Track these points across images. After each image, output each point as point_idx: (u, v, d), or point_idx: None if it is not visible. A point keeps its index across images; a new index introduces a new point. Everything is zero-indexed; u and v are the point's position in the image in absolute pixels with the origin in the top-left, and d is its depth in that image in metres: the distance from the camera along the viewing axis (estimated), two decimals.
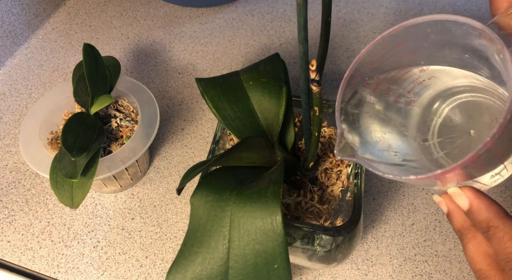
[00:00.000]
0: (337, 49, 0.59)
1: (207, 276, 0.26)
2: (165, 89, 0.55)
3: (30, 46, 0.61)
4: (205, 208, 0.28)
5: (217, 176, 0.30)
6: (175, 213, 0.44)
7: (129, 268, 0.41)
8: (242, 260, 0.26)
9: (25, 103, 0.54)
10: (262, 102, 0.36)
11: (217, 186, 0.29)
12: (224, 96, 0.36)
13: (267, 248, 0.25)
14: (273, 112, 0.35)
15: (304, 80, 0.26)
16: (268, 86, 0.36)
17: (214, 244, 0.27)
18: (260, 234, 0.26)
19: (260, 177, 0.30)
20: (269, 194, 0.27)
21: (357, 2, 0.66)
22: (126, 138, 0.43)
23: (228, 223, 0.27)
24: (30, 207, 0.45)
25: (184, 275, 0.26)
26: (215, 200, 0.28)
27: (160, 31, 0.62)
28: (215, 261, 0.26)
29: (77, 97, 0.42)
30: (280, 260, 0.25)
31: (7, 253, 0.42)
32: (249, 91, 0.36)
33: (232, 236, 0.26)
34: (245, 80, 0.37)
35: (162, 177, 0.47)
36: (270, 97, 0.35)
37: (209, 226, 0.27)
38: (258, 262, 0.25)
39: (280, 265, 0.25)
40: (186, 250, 0.27)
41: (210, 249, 0.26)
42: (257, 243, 0.26)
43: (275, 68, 0.37)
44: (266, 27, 0.63)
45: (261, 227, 0.26)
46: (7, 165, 0.48)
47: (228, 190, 0.28)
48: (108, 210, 0.45)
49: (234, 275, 0.26)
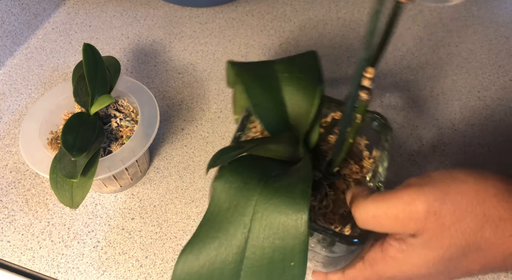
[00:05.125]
0: (337, 49, 0.59)
1: (221, 261, 0.26)
2: (165, 89, 0.55)
3: (30, 46, 0.61)
4: (228, 194, 0.27)
5: (243, 164, 0.30)
6: (175, 213, 0.44)
7: (129, 268, 0.41)
8: (259, 252, 0.26)
9: (25, 103, 0.54)
10: (294, 97, 0.35)
11: (243, 174, 0.28)
12: (256, 82, 0.35)
13: (287, 245, 0.25)
14: (304, 109, 0.34)
15: (356, 86, 0.25)
16: (304, 82, 0.35)
17: (233, 231, 0.26)
18: (282, 230, 0.25)
19: (287, 171, 0.29)
20: (297, 191, 0.26)
21: (357, 2, 0.66)
22: (126, 138, 0.43)
23: (250, 213, 0.26)
24: (30, 207, 0.45)
25: (197, 257, 0.26)
26: (239, 188, 0.28)
27: (160, 31, 0.62)
28: (232, 248, 0.26)
29: (77, 97, 0.42)
30: (298, 258, 0.25)
31: (7, 253, 0.42)
32: (283, 82, 0.35)
33: (253, 226, 0.26)
34: (279, 70, 0.36)
35: (162, 177, 0.47)
36: (304, 93, 0.34)
37: (231, 213, 0.27)
38: (275, 257, 0.25)
39: (297, 264, 0.25)
40: (202, 233, 0.26)
41: (228, 236, 0.26)
42: (278, 238, 0.25)
43: (312, 66, 0.36)
44: (266, 27, 0.63)
45: (285, 223, 0.25)
46: (7, 165, 0.48)
47: (255, 180, 0.28)
48: (108, 210, 0.45)
49: (248, 265, 0.25)
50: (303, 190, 0.26)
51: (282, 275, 0.25)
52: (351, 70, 0.56)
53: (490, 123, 0.51)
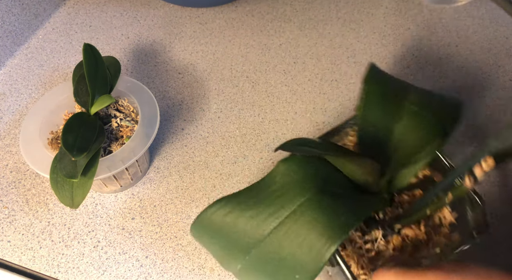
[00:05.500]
0: (337, 49, 0.59)
1: (244, 230, 0.26)
2: (165, 89, 0.55)
3: (30, 46, 0.61)
4: (284, 179, 0.27)
5: (314, 164, 0.29)
6: (175, 213, 0.44)
7: (129, 268, 0.41)
8: (276, 247, 0.25)
9: (25, 103, 0.54)
10: (408, 133, 0.31)
11: (307, 172, 0.28)
12: (381, 98, 0.32)
13: (302, 258, 0.25)
14: (409, 150, 0.31)
15: (466, 167, 0.24)
16: (428, 127, 0.31)
17: (269, 213, 0.26)
18: (307, 245, 0.25)
19: (349, 194, 0.28)
20: (343, 219, 0.25)
21: (357, 2, 0.66)
22: (126, 138, 0.43)
23: (290, 209, 0.26)
24: (31, 207, 0.45)
25: (228, 213, 0.26)
26: (297, 180, 0.27)
27: (160, 31, 0.62)
28: (259, 226, 0.26)
29: (77, 97, 0.42)
30: (305, 276, 0.24)
31: (7, 253, 0.42)
32: (407, 114, 0.32)
33: (285, 222, 0.26)
34: (411, 100, 0.33)
35: (162, 177, 0.47)
36: (420, 136, 0.31)
37: (275, 196, 0.27)
38: (287, 261, 0.25)
39: (301, 279, 0.25)
40: (244, 196, 0.27)
41: (263, 214, 0.26)
42: (299, 248, 0.25)
43: (450, 115, 0.32)
44: (266, 27, 0.63)
45: (312, 241, 0.25)
46: (7, 165, 0.48)
47: (314, 181, 0.27)
48: (108, 210, 0.45)
49: (261, 250, 0.26)
50: (348, 223, 0.25)
51: (283, 279, 0.25)
52: (351, 70, 0.56)
53: (490, 123, 0.51)
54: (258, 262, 0.26)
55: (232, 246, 0.26)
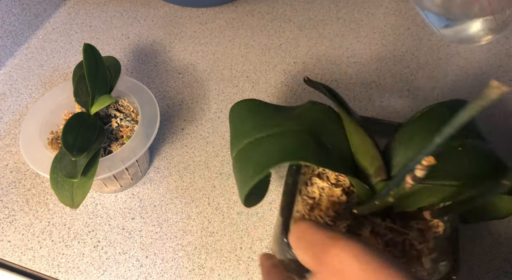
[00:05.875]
0: (337, 49, 0.59)
1: (245, 128, 0.32)
2: (165, 89, 0.55)
3: (31, 46, 0.61)
4: (301, 112, 0.34)
5: (329, 116, 0.34)
6: (175, 213, 0.44)
7: (129, 268, 0.41)
8: (250, 151, 0.31)
9: (26, 103, 0.54)
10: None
11: (319, 116, 0.33)
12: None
13: (249, 171, 0.30)
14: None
15: (407, 169, 0.26)
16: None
17: (265, 126, 0.32)
18: (259, 160, 0.30)
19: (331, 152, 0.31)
20: (295, 155, 0.29)
21: (357, 2, 0.66)
22: (126, 138, 0.43)
23: (274, 131, 0.31)
24: (31, 207, 0.45)
25: (249, 108, 0.35)
26: (305, 117, 0.33)
27: (160, 31, 0.62)
28: (253, 131, 0.32)
29: (77, 97, 0.42)
30: (248, 180, 0.29)
31: (7, 253, 0.42)
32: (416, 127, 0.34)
33: (267, 136, 0.31)
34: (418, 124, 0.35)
35: (162, 177, 0.47)
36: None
37: (282, 119, 0.33)
38: (248, 165, 0.30)
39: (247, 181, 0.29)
40: (270, 108, 0.34)
41: (262, 124, 0.32)
42: (257, 160, 0.30)
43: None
44: (266, 27, 0.63)
45: (262, 159, 0.30)
46: (7, 165, 0.48)
47: (315, 126, 0.32)
48: (108, 210, 0.45)
49: (243, 149, 0.31)
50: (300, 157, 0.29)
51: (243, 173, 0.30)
52: (350, 70, 0.56)
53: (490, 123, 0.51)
54: (241, 155, 0.31)
55: (237, 137, 0.33)
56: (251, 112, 0.34)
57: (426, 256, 0.32)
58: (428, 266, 0.31)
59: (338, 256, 0.23)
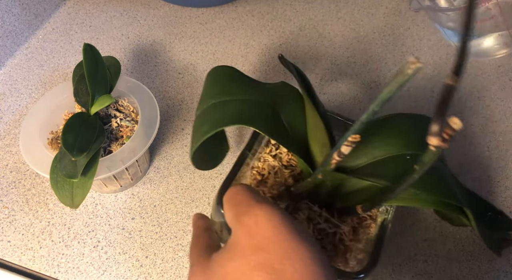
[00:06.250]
0: (337, 49, 0.59)
1: (215, 90, 0.34)
2: (165, 89, 0.55)
3: (30, 46, 0.61)
4: (270, 88, 0.37)
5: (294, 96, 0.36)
6: (175, 213, 0.44)
7: (129, 268, 0.41)
8: (208, 112, 0.33)
9: (25, 103, 0.54)
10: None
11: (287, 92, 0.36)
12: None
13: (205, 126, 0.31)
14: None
15: (337, 147, 0.27)
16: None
17: (227, 94, 0.34)
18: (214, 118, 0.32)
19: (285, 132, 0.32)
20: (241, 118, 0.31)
21: (357, 2, 0.66)
22: (126, 138, 0.43)
23: (233, 97, 0.33)
24: (31, 207, 0.45)
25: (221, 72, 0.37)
26: (268, 90, 0.36)
27: (160, 31, 0.62)
28: (215, 96, 0.34)
29: (77, 97, 0.42)
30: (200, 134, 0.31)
31: (7, 253, 0.42)
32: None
33: (225, 101, 0.33)
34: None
35: (162, 177, 0.47)
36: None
37: (245, 87, 0.35)
38: (204, 122, 0.32)
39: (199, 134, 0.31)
40: (238, 76, 0.37)
41: (225, 91, 0.34)
42: (210, 119, 0.32)
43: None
44: (266, 27, 0.63)
45: (215, 118, 0.32)
46: (7, 165, 0.48)
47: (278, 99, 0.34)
48: (108, 210, 0.45)
49: (205, 109, 0.33)
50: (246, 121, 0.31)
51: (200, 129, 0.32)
52: (350, 70, 0.56)
53: (490, 123, 0.51)
54: (204, 114, 0.33)
55: (205, 97, 0.34)
56: (225, 78, 0.36)
57: (353, 254, 0.33)
58: (353, 264, 0.32)
59: (256, 217, 0.23)
